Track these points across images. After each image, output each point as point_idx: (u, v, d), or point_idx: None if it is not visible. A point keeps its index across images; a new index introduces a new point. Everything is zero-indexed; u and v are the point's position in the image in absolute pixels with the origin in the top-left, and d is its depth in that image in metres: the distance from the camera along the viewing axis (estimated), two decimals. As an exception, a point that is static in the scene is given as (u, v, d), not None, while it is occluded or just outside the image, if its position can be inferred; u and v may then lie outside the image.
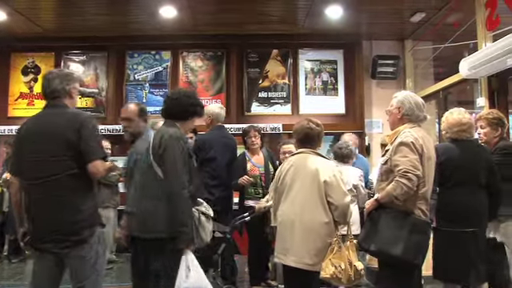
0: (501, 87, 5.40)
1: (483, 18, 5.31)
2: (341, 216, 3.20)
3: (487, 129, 3.86)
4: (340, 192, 3.21)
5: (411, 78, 7.73)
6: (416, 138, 3.04)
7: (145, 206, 3.05)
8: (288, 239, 3.25)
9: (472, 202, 3.44)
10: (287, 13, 6.77)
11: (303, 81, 7.83)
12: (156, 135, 3.11)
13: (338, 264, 3.05)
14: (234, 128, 7.01)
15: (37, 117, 2.94)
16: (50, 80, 2.91)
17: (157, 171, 3.01)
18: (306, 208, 3.22)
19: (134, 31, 7.36)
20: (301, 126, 3.46)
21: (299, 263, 3.17)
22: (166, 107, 3.24)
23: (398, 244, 2.92)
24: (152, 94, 7.75)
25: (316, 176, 3.23)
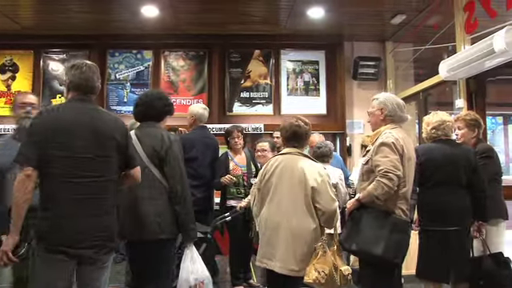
0: (478, 89, 5.48)
1: (462, 21, 5.39)
2: (328, 221, 3.14)
3: (465, 130, 3.98)
4: (328, 198, 3.13)
5: (392, 80, 7.80)
6: (397, 138, 3.07)
7: (144, 209, 3.05)
8: (273, 244, 3.17)
9: (452, 201, 3.51)
10: (269, 13, 6.77)
11: (285, 81, 7.85)
12: (151, 138, 3.15)
13: (321, 269, 2.99)
14: (215, 128, 6.99)
15: (74, 110, 2.60)
16: (94, 74, 2.69)
17: (154, 173, 3.10)
18: (293, 213, 3.14)
19: (115, 30, 7.28)
20: (289, 123, 3.38)
21: (285, 269, 3.10)
22: (141, 110, 3.32)
23: (379, 243, 2.96)
24: (133, 93, 7.67)
25: (304, 181, 3.15)
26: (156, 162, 3.12)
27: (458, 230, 3.49)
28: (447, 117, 3.72)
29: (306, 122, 3.39)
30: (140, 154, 3.08)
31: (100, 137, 2.57)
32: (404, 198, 3.09)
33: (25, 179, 2.38)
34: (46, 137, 2.45)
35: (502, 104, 9.25)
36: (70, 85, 2.64)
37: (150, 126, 3.27)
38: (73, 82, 2.63)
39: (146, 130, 3.24)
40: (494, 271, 3.61)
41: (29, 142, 2.46)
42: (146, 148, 3.12)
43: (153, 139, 3.15)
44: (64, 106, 2.69)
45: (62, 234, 2.42)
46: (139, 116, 3.34)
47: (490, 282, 3.59)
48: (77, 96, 2.64)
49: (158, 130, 3.25)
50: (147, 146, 3.13)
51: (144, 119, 3.32)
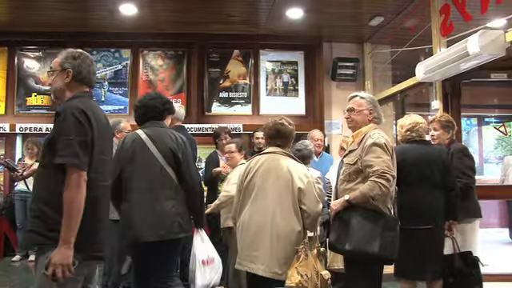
0: (454, 91, 5.57)
1: (438, 23, 5.46)
2: (312, 224, 3.13)
3: (440, 131, 4.10)
4: (313, 199, 3.11)
5: (370, 81, 7.88)
6: (387, 139, 3.10)
7: (164, 210, 3.11)
8: (256, 246, 3.08)
9: (427, 200, 3.58)
10: (249, 13, 6.77)
11: (264, 81, 7.86)
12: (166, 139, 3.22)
13: (304, 273, 2.93)
14: (194, 128, 6.98)
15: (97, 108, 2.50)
16: None
17: (170, 173, 3.18)
18: (279, 214, 3.07)
19: (93, 28, 7.18)
20: (273, 121, 3.33)
21: (269, 272, 3.02)
22: (142, 112, 3.37)
23: (375, 242, 2.92)
24: (111, 92, 7.59)
25: (290, 182, 3.10)
26: (172, 162, 3.19)
27: (432, 229, 3.56)
28: (420, 119, 3.81)
29: (289, 122, 3.34)
30: (155, 155, 3.16)
31: (111, 136, 2.63)
32: (391, 198, 3.11)
33: (83, 185, 2.20)
34: (93, 137, 2.31)
35: (476, 106, 9.42)
36: (79, 76, 2.44)
37: (158, 126, 3.33)
38: (82, 74, 2.45)
39: (156, 130, 3.29)
40: (464, 270, 3.69)
41: (82, 143, 2.23)
42: (162, 149, 3.19)
43: (168, 140, 3.23)
44: (91, 104, 2.45)
45: (98, 238, 2.35)
46: (141, 117, 3.40)
47: (460, 280, 3.67)
48: (88, 91, 2.51)
49: (168, 131, 3.35)
50: (163, 147, 3.19)
51: (147, 120, 3.36)
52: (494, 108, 9.92)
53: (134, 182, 3.16)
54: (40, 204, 2.24)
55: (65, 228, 2.13)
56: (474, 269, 3.75)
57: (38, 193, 2.31)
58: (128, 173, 3.17)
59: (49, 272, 2.09)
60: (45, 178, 2.29)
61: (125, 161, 3.19)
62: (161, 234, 3.09)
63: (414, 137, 3.75)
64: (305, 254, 3.00)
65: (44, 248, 2.19)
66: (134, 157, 3.19)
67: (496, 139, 10.92)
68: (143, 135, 3.22)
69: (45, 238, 2.18)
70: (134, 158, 3.19)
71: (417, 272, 3.62)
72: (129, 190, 3.16)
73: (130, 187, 3.16)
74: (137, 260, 3.30)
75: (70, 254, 2.13)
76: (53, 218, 2.18)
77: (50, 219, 2.19)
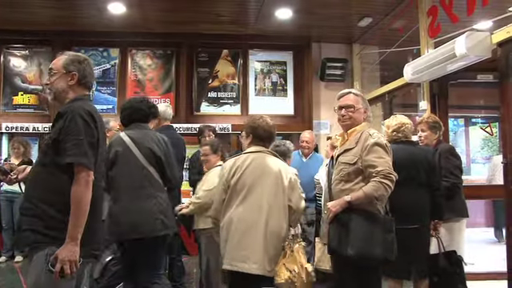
0: (441, 91, 5.61)
1: (425, 25, 5.51)
2: (295, 220, 3.17)
3: (428, 132, 4.15)
4: (299, 196, 3.15)
5: (358, 81, 7.92)
6: (385, 139, 3.09)
7: (147, 207, 3.24)
8: (247, 245, 3.03)
9: (413, 200, 3.60)
10: (238, 13, 6.77)
11: (253, 81, 7.86)
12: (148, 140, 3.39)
13: (292, 268, 2.96)
14: (182, 128, 6.96)
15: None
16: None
17: (152, 172, 3.33)
18: (271, 212, 3.07)
19: (81, 26, 7.11)
20: (252, 120, 3.34)
21: (261, 270, 2.99)
22: (128, 113, 3.53)
23: (378, 245, 2.83)
24: (99, 91, 7.55)
25: (280, 179, 3.12)
26: (153, 162, 3.37)
27: (418, 229, 3.59)
28: (406, 120, 3.84)
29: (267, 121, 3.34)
30: (137, 155, 3.32)
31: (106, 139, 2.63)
32: (386, 198, 3.05)
33: (91, 184, 2.27)
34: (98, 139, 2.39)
35: (463, 106, 9.50)
36: (83, 80, 2.52)
37: (141, 128, 3.49)
38: (86, 78, 2.53)
39: (139, 132, 3.45)
40: (448, 269, 3.74)
41: (90, 144, 2.31)
42: (143, 150, 3.35)
43: (149, 142, 3.40)
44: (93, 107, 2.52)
45: (96, 238, 2.41)
46: (126, 119, 3.55)
47: (444, 279, 3.71)
48: (87, 94, 2.61)
49: (150, 133, 3.54)
50: (144, 148, 3.35)
51: (131, 122, 3.51)
52: (481, 109, 10.01)
53: (118, 181, 3.31)
54: (39, 203, 2.26)
55: (72, 225, 2.19)
56: (458, 268, 3.80)
57: (35, 192, 2.31)
58: (113, 173, 3.32)
59: (56, 268, 2.14)
60: (45, 177, 2.31)
61: (109, 162, 3.31)
62: (143, 232, 3.21)
63: (400, 137, 3.78)
64: (290, 250, 3.05)
65: (41, 246, 2.21)
66: (117, 158, 3.34)
67: (482, 139, 11.03)
68: (125, 137, 3.38)
69: (44, 237, 2.22)
70: (116, 159, 3.34)
71: (403, 271, 3.65)
72: (113, 190, 3.31)
73: (113, 187, 3.30)
74: (124, 258, 3.40)
75: (77, 251, 2.18)
76: (55, 216, 2.23)
77: (52, 218, 2.23)
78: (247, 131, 3.40)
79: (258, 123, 3.30)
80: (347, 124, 3.16)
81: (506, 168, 4.33)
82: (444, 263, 3.77)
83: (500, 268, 4.49)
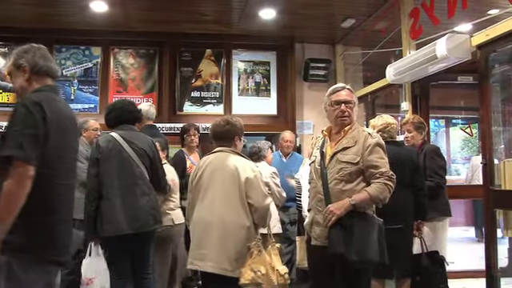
0: (422, 93, 5.68)
1: (407, 27, 5.57)
2: (260, 218, 3.09)
3: (414, 132, 4.20)
4: (260, 193, 3.09)
5: (341, 82, 7.92)
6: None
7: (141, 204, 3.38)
8: (205, 244, 3.05)
9: (398, 200, 3.59)
10: (221, 13, 6.75)
11: (236, 81, 7.83)
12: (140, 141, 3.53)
13: (257, 269, 2.90)
14: (165, 127, 6.92)
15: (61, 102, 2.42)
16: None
17: (143, 172, 3.47)
18: (226, 210, 3.05)
19: (62, 24, 7.02)
20: (217, 122, 3.34)
21: (218, 269, 2.97)
22: (115, 115, 3.60)
23: (373, 248, 2.78)
24: (81, 90, 7.43)
25: (236, 176, 3.08)
26: (145, 162, 3.51)
27: (402, 229, 3.62)
28: (392, 120, 3.87)
29: (233, 123, 3.30)
30: (131, 155, 3.43)
31: (77, 133, 2.61)
32: None
33: (27, 180, 2.04)
34: (47, 131, 2.15)
35: (444, 107, 9.63)
36: (36, 68, 2.32)
37: (130, 129, 3.59)
38: (38, 65, 2.32)
39: (130, 133, 3.55)
40: (431, 268, 3.78)
41: (30, 136, 2.07)
42: (137, 150, 3.47)
43: (142, 142, 3.54)
44: (50, 97, 2.30)
45: (60, 242, 2.22)
46: (114, 120, 3.62)
47: (426, 279, 3.76)
48: (51, 84, 2.38)
49: (141, 134, 3.69)
50: (138, 149, 3.48)
51: (118, 123, 3.58)
52: (461, 110, 10.16)
53: (113, 180, 3.37)
54: None
55: None
56: (440, 268, 3.84)
57: None
58: (105, 172, 3.37)
59: None
60: None
61: (101, 161, 3.39)
62: (138, 226, 3.36)
63: (386, 137, 3.78)
64: (257, 250, 2.98)
65: None
66: (111, 157, 3.41)
67: (463, 140, 11.21)
68: (118, 137, 3.46)
69: None
70: (110, 158, 3.40)
71: (387, 271, 3.67)
72: (107, 188, 3.36)
73: (108, 185, 3.36)
74: (115, 255, 3.42)
75: None
76: None
77: None
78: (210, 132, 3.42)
79: (213, 124, 3.37)
80: (347, 121, 3.00)
81: (484, 168, 4.39)
82: (426, 263, 3.81)
83: (479, 266, 4.56)
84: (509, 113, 5.57)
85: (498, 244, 4.36)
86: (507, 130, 5.52)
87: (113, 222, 3.31)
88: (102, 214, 3.34)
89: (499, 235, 4.60)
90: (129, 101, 3.97)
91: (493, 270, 4.22)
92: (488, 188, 4.30)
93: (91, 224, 3.36)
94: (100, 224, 3.34)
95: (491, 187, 4.28)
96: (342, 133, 2.99)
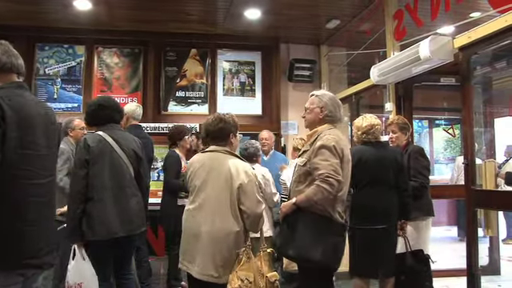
0: (406, 94, 5.71)
1: (392, 28, 5.61)
2: (253, 225, 2.98)
3: (398, 133, 4.25)
4: (254, 199, 2.95)
5: (326, 82, 8.00)
6: (337, 141, 2.99)
7: (130, 206, 3.30)
8: (193, 247, 2.99)
9: (382, 200, 3.66)
10: (206, 13, 6.73)
11: (221, 81, 7.83)
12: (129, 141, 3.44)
13: (244, 277, 2.79)
14: (150, 127, 6.89)
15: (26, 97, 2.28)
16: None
17: (132, 173, 3.38)
18: (217, 215, 2.93)
19: (45, 22, 6.94)
20: (212, 119, 3.19)
21: (204, 275, 2.90)
22: (108, 113, 3.45)
23: (317, 248, 2.84)
24: (64, 89, 7.37)
25: (229, 181, 2.95)
26: (134, 162, 3.42)
27: (385, 229, 3.65)
28: (376, 120, 3.88)
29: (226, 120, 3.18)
30: (121, 155, 3.33)
31: (50, 130, 2.35)
32: (341, 201, 3.01)
33: None
34: (5, 130, 2.04)
35: (427, 108, 9.72)
36: None
37: (118, 129, 3.49)
38: (1, 62, 2.23)
39: (118, 133, 3.44)
40: (415, 267, 3.82)
41: None
42: (127, 150, 3.37)
43: (131, 143, 3.46)
44: (12, 93, 2.20)
45: (31, 244, 2.12)
46: (104, 118, 3.45)
47: (411, 278, 3.79)
48: (17, 81, 2.29)
49: (128, 134, 3.59)
50: (127, 149, 3.39)
51: (107, 122, 3.44)
52: (444, 111, 10.27)
53: (104, 181, 3.24)
54: None
55: None
56: (425, 266, 3.88)
57: None
58: (96, 173, 3.23)
59: None
60: None
61: (90, 162, 3.23)
62: (131, 229, 3.29)
63: (370, 139, 3.82)
64: (247, 256, 2.87)
65: None
66: (101, 157, 3.27)
67: (445, 141, 11.35)
68: (108, 137, 3.34)
69: None
70: (100, 159, 3.27)
71: (371, 270, 3.71)
72: (98, 190, 3.22)
73: (99, 187, 3.22)
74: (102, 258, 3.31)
75: None
76: None
77: None
78: (202, 131, 3.32)
79: (206, 123, 3.22)
80: (306, 126, 3.26)
81: (466, 169, 4.45)
82: (411, 262, 3.84)
83: (461, 265, 4.62)
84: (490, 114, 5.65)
85: (479, 243, 4.43)
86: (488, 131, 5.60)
87: (105, 224, 3.16)
88: (91, 216, 3.16)
89: (480, 234, 4.67)
90: (113, 99, 3.74)
91: (473, 268, 4.28)
92: (469, 188, 4.36)
93: (77, 227, 3.16)
94: (88, 227, 3.16)
95: (472, 187, 4.34)
96: (306, 137, 3.23)
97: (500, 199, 4.14)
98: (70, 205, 3.21)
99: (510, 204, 4.19)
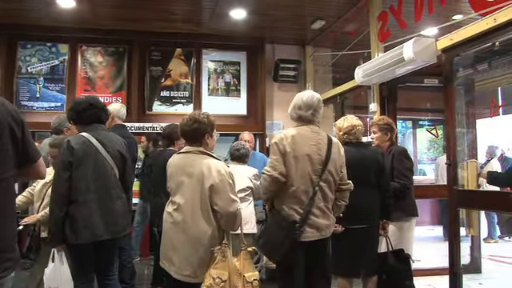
0: (390, 94, 5.76)
1: (376, 29, 5.65)
2: (228, 224, 2.97)
3: (378, 134, 4.26)
4: (227, 199, 2.93)
5: (311, 83, 8.03)
6: (281, 138, 3.08)
7: (116, 208, 3.27)
8: (171, 248, 3.00)
9: (365, 200, 3.67)
10: (192, 12, 6.72)
11: (206, 81, 7.83)
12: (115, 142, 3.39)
13: (217, 275, 2.78)
14: (134, 127, 6.85)
15: None
16: None
17: (117, 174, 3.35)
18: (191, 216, 2.93)
19: (27, 20, 6.84)
20: (186, 119, 3.13)
21: (180, 275, 2.92)
22: (96, 112, 3.40)
23: (262, 239, 3.18)
24: (47, 88, 7.29)
25: (201, 182, 2.93)
26: (119, 164, 3.38)
27: (367, 228, 3.68)
28: (357, 121, 3.89)
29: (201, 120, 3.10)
30: (106, 157, 3.29)
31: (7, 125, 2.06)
32: (294, 198, 3.04)
33: None
34: None
35: (411, 109, 9.81)
36: None
37: (102, 130, 3.43)
38: None
39: (103, 134, 3.39)
40: (397, 266, 3.85)
41: None
42: (111, 151, 3.33)
43: (116, 144, 3.41)
44: None
45: None
46: (93, 117, 3.41)
47: (392, 277, 3.82)
48: None
49: (113, 134, 3.53)
50: (113, 150, 3.35)
51: (94, 121, 3.39)
52: (427, 112, 10.37)
53: (89, 184, 3.19)
54: None
55: None
56: (406, 265, 3.92)
57: None
58: (80, 175, 3.18)
59: None
60: None
61: (75, 164, 3.17)
62: (116, 231, 3.27)
63: (352, 139, 3.84)
64: (221, 255, 2.86)
65: None
66: (85, 159, 3.22)
67: (429, 141, 11.47)
68: (92, 138, 3.29)
69: None
70: (84, 161, 3.22)
71: (354, 270, 3.73)
72: (83, 191, 3.17)
73: (83, 189, 3.17)
74: (85, 259, 3.26)
75: None
76: None
77: None
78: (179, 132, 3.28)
79: (181, 123, 3.17)
80: None
81: (449, 169, 4.50)
82: (392, 261, 3.87)
83: (444, 264, 4.67)
84: (472, 115, 5.71)
85: (461, 242, 4.48)
86: (470, 132, 5.67)
87: (90, 227, 3.12)
88: (75, 219, 3.11)
89: (463, 234, 4.72)
90: (98, 98, 3.68)
91: (456, 267, 4.33)
92: (452, 188, 4.41)
93: (59, 230, 3.11)
94: (72, 231, 3.11)
95: (455, 187, 4.39)
96: None
97: (481, 199, 4.19)
98: (54, 208, 3.14)
99: (491, 204, 4.25)
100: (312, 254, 3.12)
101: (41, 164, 2.25)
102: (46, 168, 2.33)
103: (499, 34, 3.81)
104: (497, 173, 5.34)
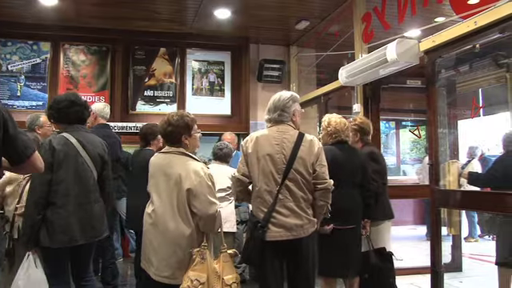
0: (373, 95, 5.81)
1: (360, 30, 5.69)
2: (206, 226, 2.93)
3: (350, 135, 4.24)
4: (204, 201, 2.88)
5: (295, 83, 8.05)
6: (247, 140, 3.17)
7: (94, 211, 3.21)
8: (150, 249, 2.99)
9: (351, 200, 3.68)
10: (176, 12, 6.68)
11: (190, 81, 7.80)
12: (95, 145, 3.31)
13: (195, 277, 2.76)
14: (117, 126, 6.80)
15: None
16: None
17: (95, 177, 3.27)
18: (169, 217, 2.90)
19: (7, 17, 6.73)
20: (163, 120, 3.10)
21: (158, 276, 2.91)
22: (78, 110, 3.30)
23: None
24: (28, 87, 7.19)
25: (179, 184, 2.90)
26: (98, 166, 3.30)
27: (355, 228, 3.70)
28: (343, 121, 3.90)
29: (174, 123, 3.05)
30: (86, 159, 3.21)
31: None
32: (258, 198, 3.06)
33: None
34: None
35: (394, 110, 9.90)
36: None
37: (84, 130, 3.35)
38: None
39: (84, 134, 3.31)
40: (379, 265, 3.87)
41: None
42: (92, 155, 3.26)
43: (96, 146, 3.33)
44: None
45: None
46: (75, 116, 3.30)
47: (375, 275, 3.85)
48: None
49: (94, 136, 3.44)
50: (93, 153, 3.27)
51: (75, 120, 3.30)
52: (410, 112, 10.49)
53: (69, 187, 3.11)
54: None
55: None
56: (389, 263, 3.95)
57: None
58: (60, 178, 3.09)
59: None
60: None
61: (54, 165, 3.08)
62: (93, 235, 3.22)
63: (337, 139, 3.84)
64: (200, 257, 2.84)
65: None
66: (66, 161, 3.13)
67: (412, 142, 11.58)
68: (73, 139, 3.20)
69: None
70: (65, 163, 3.12)
71: (341, 270, 3.74)
72: (62, 195, 3.08)
73: (63, 192, 3.08)
74: (61, 262, 3.20)
75: None
76: None
77: None
78: None
79: (160, 123, 3.15)
80: None
81: (431, 169, 4.55)
82: (375, 260, 3.89)
83: (426, 263, 4.72)
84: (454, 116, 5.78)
85: (443, 241, 4.53)
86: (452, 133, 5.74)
87: (67, 232, 3.05)
88: (52, 223, 3.03)
89: (444, 233, 4.78)
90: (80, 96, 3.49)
91: (437, 266, 4.37)
92: (434, 188, 4.46)
93: (34, 234, 3.02)
94: (48, 234, 3.03)
95: (436, 187, 4.44)
96: None
97: (462, 199, 4.24)
98: (31, 211, 3.03)
99: (471, 203, 4.30)
100: (289, 256, 3.10)
101: (36, 158, 2.21)
102: (42, 160, 2.29)
103: (479, 36, 3.86)
104: (477, 173, 5.40)
